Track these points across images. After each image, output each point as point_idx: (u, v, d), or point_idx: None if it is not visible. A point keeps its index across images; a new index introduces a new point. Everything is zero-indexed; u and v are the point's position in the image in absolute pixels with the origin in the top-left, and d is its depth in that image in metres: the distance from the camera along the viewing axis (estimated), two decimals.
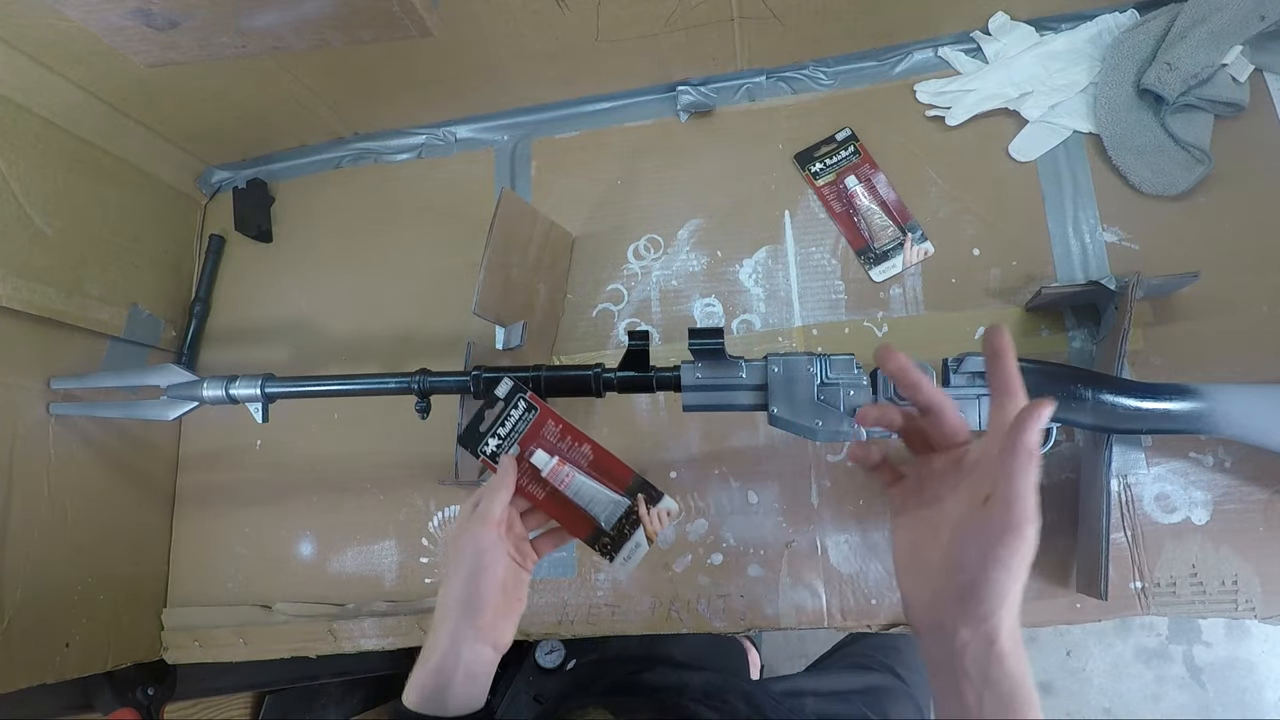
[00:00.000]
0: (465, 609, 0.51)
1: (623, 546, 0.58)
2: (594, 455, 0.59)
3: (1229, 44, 0.69)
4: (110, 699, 0.78)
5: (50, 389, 0.73)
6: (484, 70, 0.81)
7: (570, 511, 0.58)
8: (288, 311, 0.90)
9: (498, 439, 0.58)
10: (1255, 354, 0.67)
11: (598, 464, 0.58)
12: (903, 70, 0.81)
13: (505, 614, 0.54)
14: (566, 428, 0.59)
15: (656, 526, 0.58)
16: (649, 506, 0.58)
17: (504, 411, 0.59)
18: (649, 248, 0.83)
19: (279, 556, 0.83)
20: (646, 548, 0.58)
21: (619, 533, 0.58)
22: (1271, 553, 0.64)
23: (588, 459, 0.58)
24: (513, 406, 0.59)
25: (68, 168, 0.76)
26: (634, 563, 0.58)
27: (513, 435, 0.58)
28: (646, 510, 0.58)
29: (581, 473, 0.58)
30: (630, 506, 0.58)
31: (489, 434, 0.58)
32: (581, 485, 0.58)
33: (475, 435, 0.59)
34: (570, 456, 0.58)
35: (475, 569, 0.52)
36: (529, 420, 0.58)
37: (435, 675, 0.51)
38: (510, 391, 0.59)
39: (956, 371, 0.59)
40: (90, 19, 0.67)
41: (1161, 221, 0.72)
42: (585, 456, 0.58)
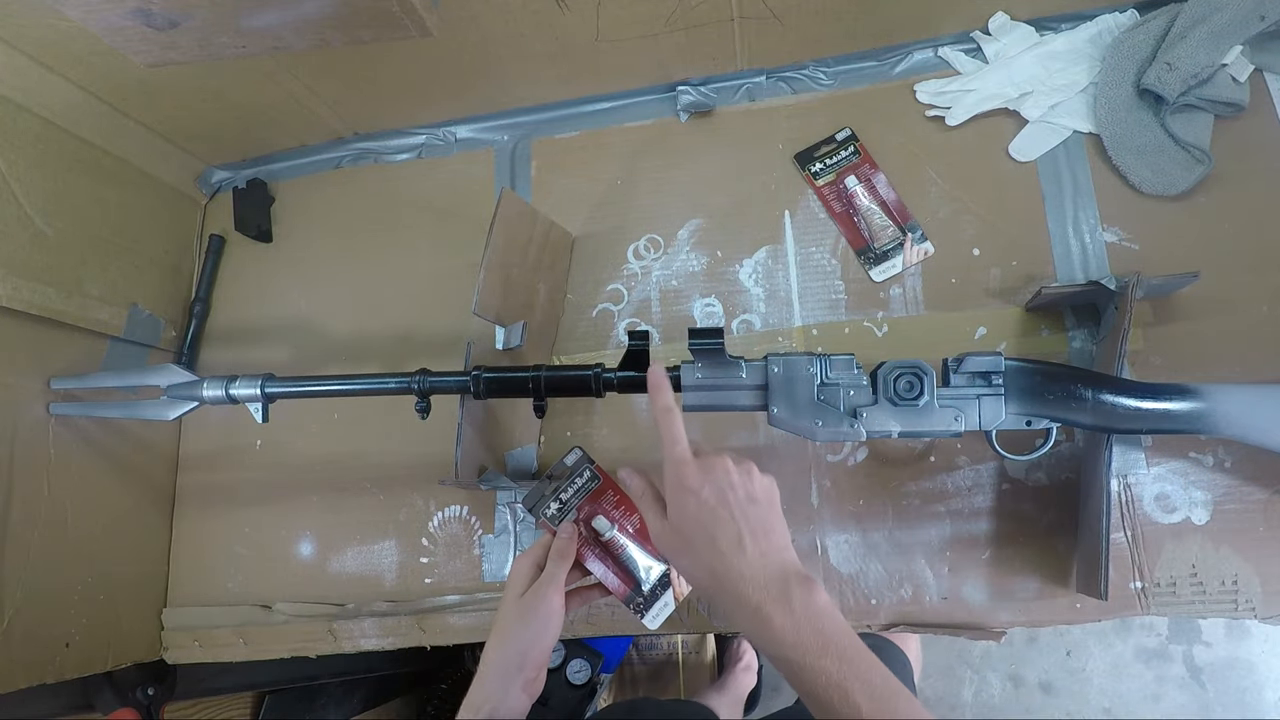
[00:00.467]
0: (522, 665, 0.56)
1: (654, 605, 0.64)
2: (640, 525, 0.65)
3: (1229, 44, 0.69)
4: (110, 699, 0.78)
5: (50, 389, 0.73)
6: (484, 70, 0.81)
7: (617, 573, 0.64)
8: (288, 311, 0.90)
9: (559, 503, 0.64)
10: (1255, 354, 0.67)
11: (643, 532, 0.64)
12: (903, 70, 0.81)
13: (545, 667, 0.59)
14: (622, 498, 0.65)
15: (683, 590, 0.65)
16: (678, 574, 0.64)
17: (569, 479, 0.65)
18: (649, 248, 0.83)
19: (279, 556, 0.83)
20: (673, 607, 0.64)
21: (651, 594, 0.64)
22: (1271, 553, 0.64)
23: (635, 527, 0.65)
24: (578, 475, 0.65)
25: (68, 168, 0.76)
26: (661, 620, 0.64)
27: (573, 501, 0.64)
28: (676, 575, 0.64)
29: (632, 541, 0.64)
30: (666, 571, 0.64)
31: (552, 498, 0.64)
32: (632, 553, 0.64)
33: (539, 497, 0.64)
34: (622, 524, 0.65)
35: (540, 631, 0.56)
36: (590, 489, 0.65)
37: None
38: (577, 461, 0.66)
39: (956, 371, 0.59)
40: (90, 19, 0.67)
41: (1161, 221, 0.72)
42: (634, 524, 0.65)
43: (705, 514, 0.49)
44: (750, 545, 0.48)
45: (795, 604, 0.45)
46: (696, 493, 0.49)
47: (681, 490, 0.50)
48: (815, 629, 0.44)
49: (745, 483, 0.51)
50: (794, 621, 0.44)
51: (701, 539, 0.48)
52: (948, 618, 0.68)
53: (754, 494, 0.50)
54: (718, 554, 0.48)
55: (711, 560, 0.48)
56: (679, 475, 0.50)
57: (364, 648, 0.78)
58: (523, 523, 0.78)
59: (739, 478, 0.50)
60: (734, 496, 0.49)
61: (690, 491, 0.49)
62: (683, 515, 0.49)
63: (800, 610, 0.45)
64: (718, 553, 0.48)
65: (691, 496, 0.49)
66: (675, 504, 0.50)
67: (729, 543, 0.48)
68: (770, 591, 0.46)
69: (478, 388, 0.64)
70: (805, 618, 0.45)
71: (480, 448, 0.69)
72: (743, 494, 0.50)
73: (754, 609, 0.46)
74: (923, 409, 0.59)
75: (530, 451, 0.79)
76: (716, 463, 0.51)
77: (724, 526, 0.48)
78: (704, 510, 0.49)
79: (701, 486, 0.49)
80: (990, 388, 0.59)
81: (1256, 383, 0.60)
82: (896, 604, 0.69)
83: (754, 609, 0.46)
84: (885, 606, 0.69)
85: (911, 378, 0.59)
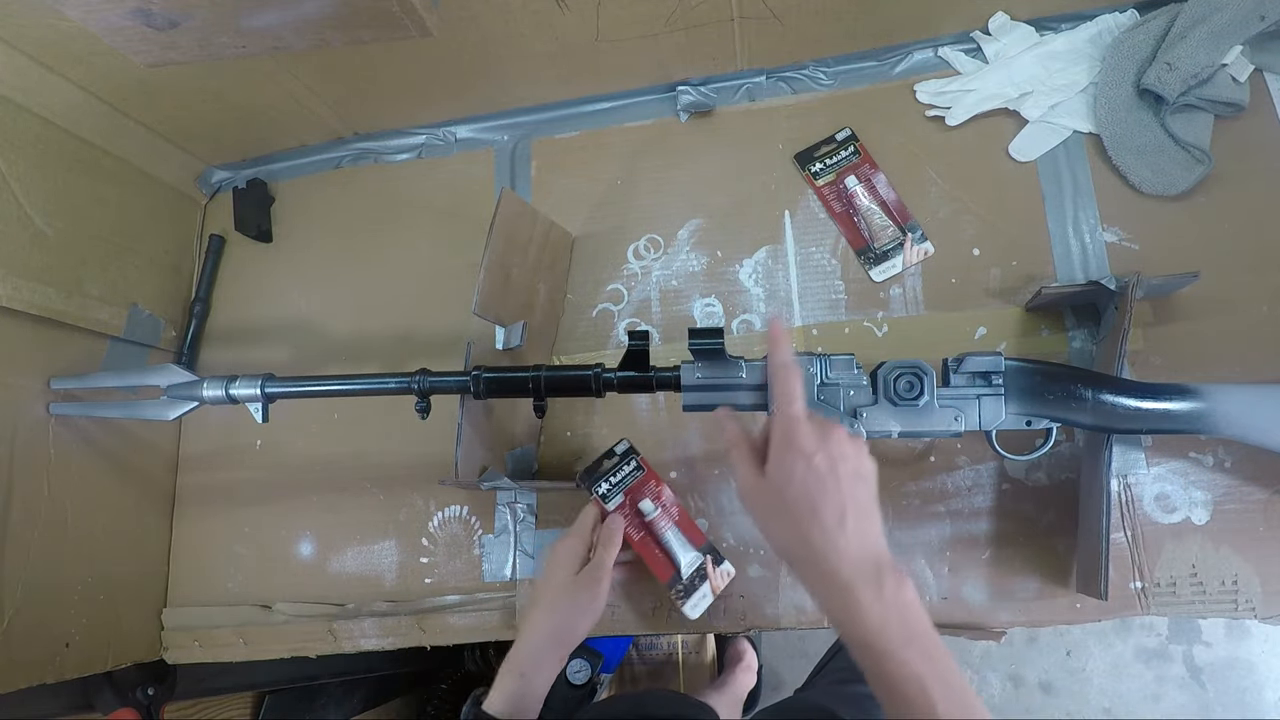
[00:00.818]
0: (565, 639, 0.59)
1: (693, 595, 0.69)
2: (679, 516, 0.72)
3: (1229, 44, 0.69)
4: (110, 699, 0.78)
5: (50, 389, 0.73)
6: (484, 70, 0.81)
7: (657, 556, 0.70)
8: (288, 311, 0.90)
9: (609, 484, 0.72)
10: (1255, 354, 0.67)
11: (683, 523, 0.71)
12: (903, 70, 0.81)
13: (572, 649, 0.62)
14: (663, 490, 0.72)
15: (719, 584, 0.70)
16: (714, 566, 0.70)
17: (618, 465, 0.73)
18: (649, 248, 0.83)
19: (279, 556, 0.83)
20: (711, 599, 0.69)
21: (690, 583, 0.69)
22: (1271, 553, 0.64)
23: (675, 518, 0.71)
24: (625, 463, 0.73)
25: (68, 168, 0.76)
26: (700, 610, 0.69)
27: (620, 484, 0.72)
28: (713, 569, 0.70)
29: (673, 527, 0.71)
30: (702, 563, 0.70)
31: (603, 478, 0.72)
32: (673, 536, 0.70)
33: (593, 476, 0.72)
34: (668, 511, 0.71)
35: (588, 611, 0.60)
36: (636, 477, 0.73)
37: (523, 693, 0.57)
38: (626, 451, 0.74)
39: (956, 371, 0.59)
40: (90, 19, 0.67)
41: (1161, 221, 0.72)
42: (674, 515, 0.71)
43: (813, 480, 0.46)
44: (851, 523, 0.46)
45: (886, 591, 0.44)
46: (809, 456, 0.46)
47: (791, 449, 0.47)
48: (902, 619, 0.43)
49: (858, 457, 0.48)
50: (883, 608, 0.43)
51: (803, 505, 0.46)
52: (948, 618, 0.68)
53: (863, 471, 0.48)
54: (818, 524, 0.45)
55: (810, 529, 0.46)
56: (791, 433, 0.47)
57: (364, 648, 0.78)
58: (522, 523, 0.78)
59: (852, 450, 0.48)
60: (845, 469, 0.47)
61: (801, 453, 0.47)
62: (787, 476, 0.47)
63: (890, 598, 0.44)
64: (818, 523, 0.45)
65: (801, 459, 0.46)
66: (781, 462, 0.47)
67: (832, 515, 0.45)
68: (863, 574, 0.44)
69: (478, 388, 0.64)
70: (894, 606, 0.43)
71: (480, 448, 0.69)
72: (853, 468, 0.47)
73: (843, 587, 0.44)
74: (923, 409, 0.59)
75: (530, 451, 0.79)
76: (834, 429, 0.48)
77: (830, 497, 0.46)
78: (812, 475, 0.46)
79: (815, 451, 0.47)
80: (990, 388, 0.59)
81: (1256, 383, 0.60)
82: None
83: (843, 587, 0.44)
84: None
85: (911, 378, 0.59)
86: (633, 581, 0.73)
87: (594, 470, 0.73)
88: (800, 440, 0.47)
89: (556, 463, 0.79)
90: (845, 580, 0.44)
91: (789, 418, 0.48)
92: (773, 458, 0.48)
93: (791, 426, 0.48)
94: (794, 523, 0.46)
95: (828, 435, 0.48)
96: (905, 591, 0.44)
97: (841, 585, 0.44)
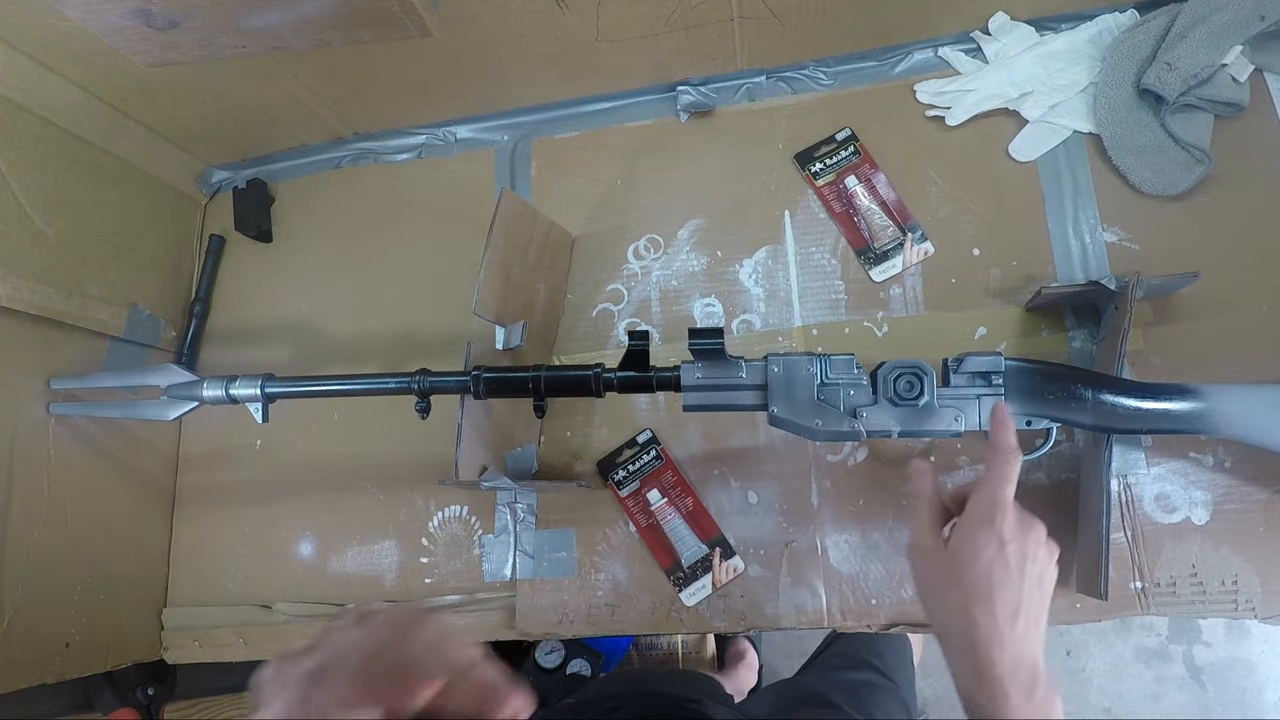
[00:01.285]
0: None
1: (691, 584, 0.72)
2: (693, 508, 0.74)
3: (1229, 44, 0.69)
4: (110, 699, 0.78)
5: (50, 389, 0.73)
6: (484, 70, 0.81)
7: (661, 544, 0.73)
8: (288, 311, 0.90)
9: (626, 472, 0.75)
10: (1255, 354, 0.67)
11: (694, 515, 0.74)
12: (903, 70, 0.81)
13: None
14: (680, 480, 0.75)
15: (722, 577, 0.72)
16: (721, 560, 0.72)
17: (637, 454, 0.75)
18: (649, 248, 0.83)
19: (279, 556, 0.83)
20: (709, 591, 0.72)
21: (691, 573, 0.72)
22: (1271, 553, 0.64)
23: (688, 509, 0.74)
24: (645, 452, 0.76)
25: (68, 168, 0.76)
26: (696, 599, 0.71)
27: (638, 473, 0.75)
28: (719, 562, 0.72)
29: (680, 517, 0.73)
30: (707, 555, 0.72)
31: (621, 467, 0.75)
32: (677, 526, 0.73)
33: (611, 465, 0.76)
34: (675, 503, 0.74)
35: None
36: (654, 466, 0.75)
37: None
38: (647, 440, 0.76)
39: (956, 371, 0.59)
40: (90, 19, 0.67)
41: (1161, 221, 0.72)
42: (686, 506, 0.74)
43: (1000, 567, 0.46)
44: (1022, 624, 0.46)
45: (1037, 697, 0.44)
46: (1004, 543, 0.46)
47: (988, 530, 0.47)
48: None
49: (1046, 562, 0.48)
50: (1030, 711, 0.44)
51: (982, 587, 0.46)
52: None
53: (1046, 578, 0.48)
54: (989, 611, 0.45)
55: (980, 614, 0.46)
56: (993, 514, 0.47)
57: None
58: (522, 523, 0.78)
59: (1045, 554, 0.48)
60: (1032, 570, 0.47)
61: (998, 537, 0.47)
62: (975, 554, 0.47)
63: (1039, 705, 0.44)
64: (991, 612, 0.45)
65: (996, 542, 0.47)
66: (973, 538, 0.47)
67: (1006, 609, 0.45)
68: (1019, 676, 0.45)
69: (478, 388, 0.64)
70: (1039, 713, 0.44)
71: (480, 448, 0.69)
72: (1039, 571, 0.47)
73: (996, 681, 0.44)
74: (923, 409, 0.59)
75: (530, 451, 0.79)
76: (1035, 526, 0.48)
77: (1010, 590, 0.46)
78: (1000, 562, 0.46)
79: (1011, 540, 0.47)
80: (990, 388, 0.59)
81: (1256, 383, 0.60)
82: (896, 604, 0.69)
83: (996, 681, 0.44)
84: (885, 606, 0.69)
85: (911, 378, 0.59)
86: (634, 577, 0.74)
87: (612, 459, 0.76)
88: (1001, 525, 0.47)
89: (556, 463, 0.79)
90: (1000, 675, 0.44)
91: (996, 500, 0.48)
92: (964, 530, 0.48)
93: (996, 508, 0.48)
94: (965, 601, 0.46)
95: (1028, 531, 0.48)
96: (1055, 704, 0.45)
97: (995, 679, 0.44)
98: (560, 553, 0.76)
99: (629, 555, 0.75)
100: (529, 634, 0.76)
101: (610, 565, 0.75)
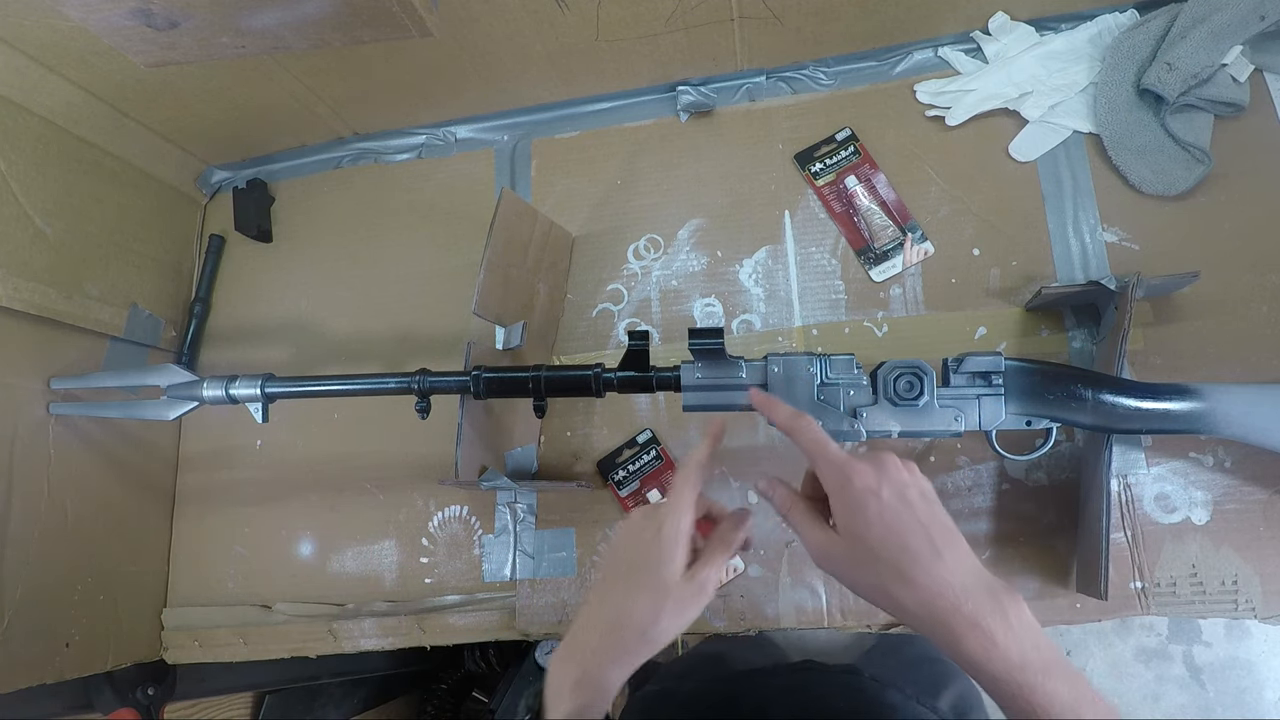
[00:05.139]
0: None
1: None
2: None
3: (1229, 44, 0.69)
4: (110, 699, 0.78)
5: (50, 389, 0.73)
6: (484, 70, 0.81)
7: None
8: (288, 311, 0.90)
9: (626, 472, 0.75)
10: (1255, 354, 0.67)
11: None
12: (903, 70, 0.81)
13: None
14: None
15: (721, 577, 0.70)
16: None
17: (637, 454, 0.76)
18: (649, 248, 0.83)
19: (279, 556, 0.83)
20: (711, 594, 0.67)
21: None
22: (1271, 553, 0.64)
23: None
24: (645, 452, 0.76)
25: (68, 168, 0.76)
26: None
27: (638, 474, 0.75)
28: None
29: None
30: None
31: (621, 466, 0.76)
32: None
33: (611, 465, 0.76)
34: None
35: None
36: (654, 466, 0.75)
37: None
38: (647, 440, 0.76)
39: (956, 371, 0.59)
40: (90, 19, 0.67)
41: (1161, 221, 0.72)
42: None
43: (890, 516, 0.42)
44: (946, 549, 0.41)
45: (1011, 618, 0.39)
46: (875, 493, 0.42)
47: (854, 492, 0.43)
48: (1035, 645, 0.39)
49: (914, 477, 0.44)
50: (1015, 637, 0.39)
51: (891, 546, 0.41)
52: None
53: (926, 491, 0.44)
54: (915, 562, 0.41)
55: (910, 570, 0.41)
56: (846, 475, 0.43)
57: (364, 648, 0.78)
58: (522, 523, 0.78)
59: (908, 473, 0.44)
60: (912, 494, 0.43)
61: (869, 492, 0.42)
62: (862, 521, 0.42)
63: (1017, 625, 0.39)
64: (914, 561, 0.41)
65: (871, 498, 0.42)
66: (849, 509, 0.43)
67: (925, 548, 0.41)
68: (983, 604, 0.40)
69: (478, 388, 0.64)
70: (1024, 633, 0.39)
71: (480, 448, 0.69)
72: (918, 491, 0.43)
73: (971, 624, 0.39)
74: (923, 409, 0.59)
75: (530, 451, 0.79)
76: (884, 458, 0.44)
77: (913, 530, 0.42)
78: (887, 512, 0.42)
79: (880, 486, 0.43)
80: (990, 388, 0.59)
81: (1256, 383, 0.60)
82: None
83: (971, 624, 0.39)
84: None
85: (911, 378, 0.59)
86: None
87: (611, 460, 0.76)
88: (860, 479, 0.43)
89: (556, 463, 0.79)
90: (970, 616, 0.39)
91: (834, 462, 0.45)
92: (838, 508, 0.44)
93: (843, 469, 0.44)
94: (889, 568, 0.42)
95: (882, 466, 0.44)
96: (1025, 612, 0.40)
97: (968, 622, 0.39)
98: (560, 552, 0.76)
99: None
100: (529, 634, 0.76)
101: None
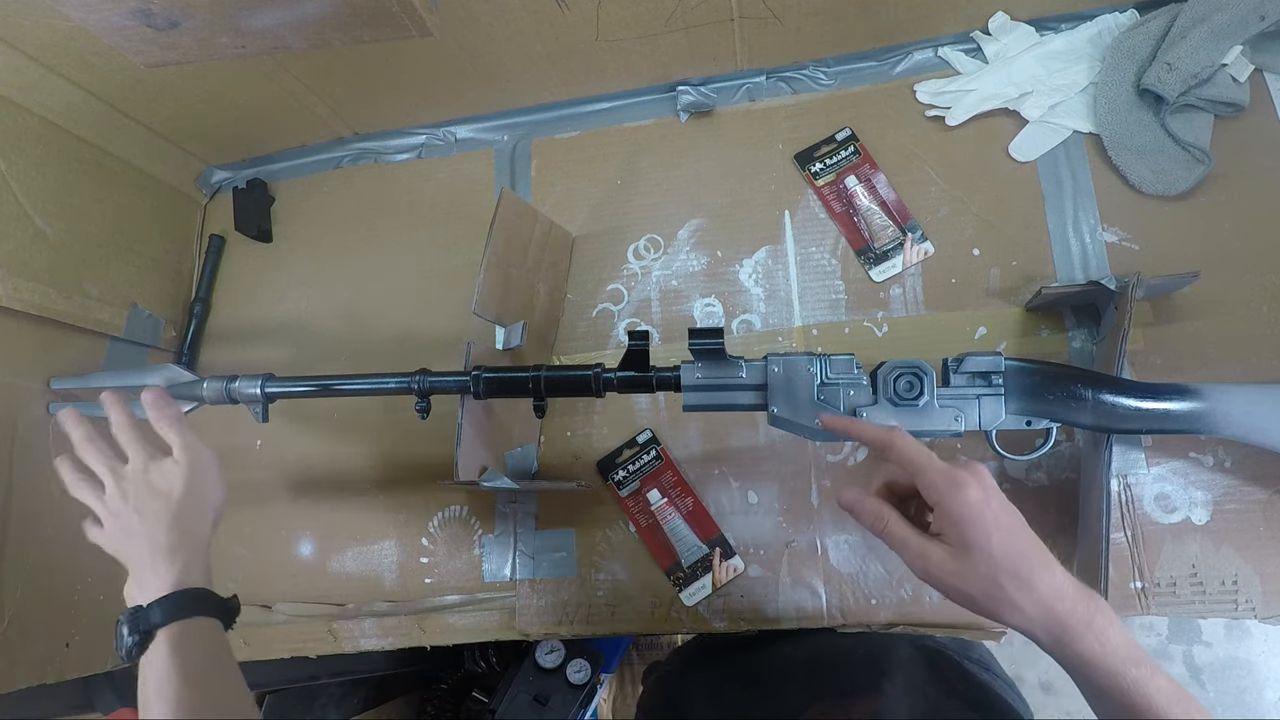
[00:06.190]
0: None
1: (691, 584, 0.72)
2: (693, 508, 0.74)
3: (1229, 44, 0.69)
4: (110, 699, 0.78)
5: (50, 389, 0.73)
6: (484, 70, 0.81)
7: (661, 544, 0.73)
8: (288, 311, 0.90)
9: (626, 472, 0.75)
10: (1255, 354, 0.67)
11: (694, 515, 0.74)
12: (903, 70, 0.81)
13: None
14: (680, 480, 0.75)
15: (722, 577, 0.72)
16: (721, 560, 0.72)
17: (637, 454, 0.75)
18: (649, 248, 0.83)
19: (279, 556, 0.83)
20: (709, 591, 0.72)
21: (691, 573, 0.72)
22: (1271, 553, 0.64)
23: (688, 509, 0.74)
24: (645, 452, 0.76)
25: (68, 168, 0.76)
26: (696, 599, 0.72)
27: (638, 473, 0.75)
28: (719, 562, 0.72)
29: (680, 517, 0.74)
30: (707, 555, 0.72)
31: (621, 467, 0.75)
32: (677, 526, 0.73)
33: (611, 465, 0.76)
34: (675, 503, 0.74)
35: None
36: (654, 466, 0.75)
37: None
38: (647, 440, 0.76)
39: (956, 371, 0.59)
40: (90, 19, 0.67)
41: (1161, 221, 0.72)
42: (687, 506, 0.74)
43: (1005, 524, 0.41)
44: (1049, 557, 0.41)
45: (1113, 617, 0.40)
46: (987, 502, 0.42)
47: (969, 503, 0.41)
48: (1135, 643, 0.40)
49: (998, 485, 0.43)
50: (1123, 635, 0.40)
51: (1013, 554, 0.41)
52: (948, 617, 0.68)
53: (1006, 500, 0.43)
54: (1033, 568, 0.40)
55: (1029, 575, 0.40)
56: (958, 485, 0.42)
57: (364, 648, 0.78)
58: (522, 523, 0.78)
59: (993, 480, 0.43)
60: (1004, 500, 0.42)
61: (982, 503, 0.41)
62: (982, 532, 0.41)
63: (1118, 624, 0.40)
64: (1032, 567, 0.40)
65: (985, 508, 0.41)
66: (966, 520, 0.41)
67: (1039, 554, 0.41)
68: (1090, 604, 0.40)
69: (478, 388, 0.64)
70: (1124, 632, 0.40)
71: (480, 448, 0.69)
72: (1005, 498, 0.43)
73: (1086, 623, 0.40)
74: (923, 409, 0.59)
75: (530, 451, 0.79)
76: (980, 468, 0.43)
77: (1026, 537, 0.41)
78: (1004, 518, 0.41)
79: (988, 495, 0.42)
80: (990, 388, 0.59)
81: (1256, 383, 0.60)
82: (896, 604, 0.69)
83: (1086, 623, 0.40)
84: (885, 606, 0.69)
85: (911, 378, 0.59)
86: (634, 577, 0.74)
87: (611, 459, 0.76)
88: (972, 491, 0.42)
89: (556, 463, 0.79)
90: (1084, 616, 0.40)
91: (944, 474, 0.43)
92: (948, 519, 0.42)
93: (953, 480, 0.42)
94: (1010, 575, 0.41)
95: (981, 475, 0.43)
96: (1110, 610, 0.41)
97: (1084, 622, 0.40)
98: (560, 553, 0.76)
99: (629, 555, 0.75)
100: (529, 634, 0.76)
101: (610, 565, 0.75)
